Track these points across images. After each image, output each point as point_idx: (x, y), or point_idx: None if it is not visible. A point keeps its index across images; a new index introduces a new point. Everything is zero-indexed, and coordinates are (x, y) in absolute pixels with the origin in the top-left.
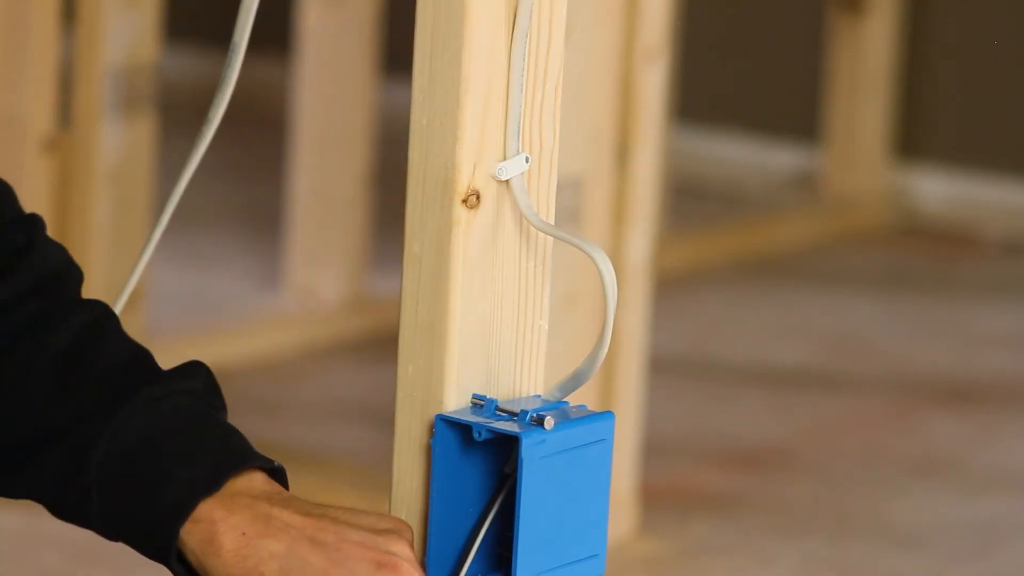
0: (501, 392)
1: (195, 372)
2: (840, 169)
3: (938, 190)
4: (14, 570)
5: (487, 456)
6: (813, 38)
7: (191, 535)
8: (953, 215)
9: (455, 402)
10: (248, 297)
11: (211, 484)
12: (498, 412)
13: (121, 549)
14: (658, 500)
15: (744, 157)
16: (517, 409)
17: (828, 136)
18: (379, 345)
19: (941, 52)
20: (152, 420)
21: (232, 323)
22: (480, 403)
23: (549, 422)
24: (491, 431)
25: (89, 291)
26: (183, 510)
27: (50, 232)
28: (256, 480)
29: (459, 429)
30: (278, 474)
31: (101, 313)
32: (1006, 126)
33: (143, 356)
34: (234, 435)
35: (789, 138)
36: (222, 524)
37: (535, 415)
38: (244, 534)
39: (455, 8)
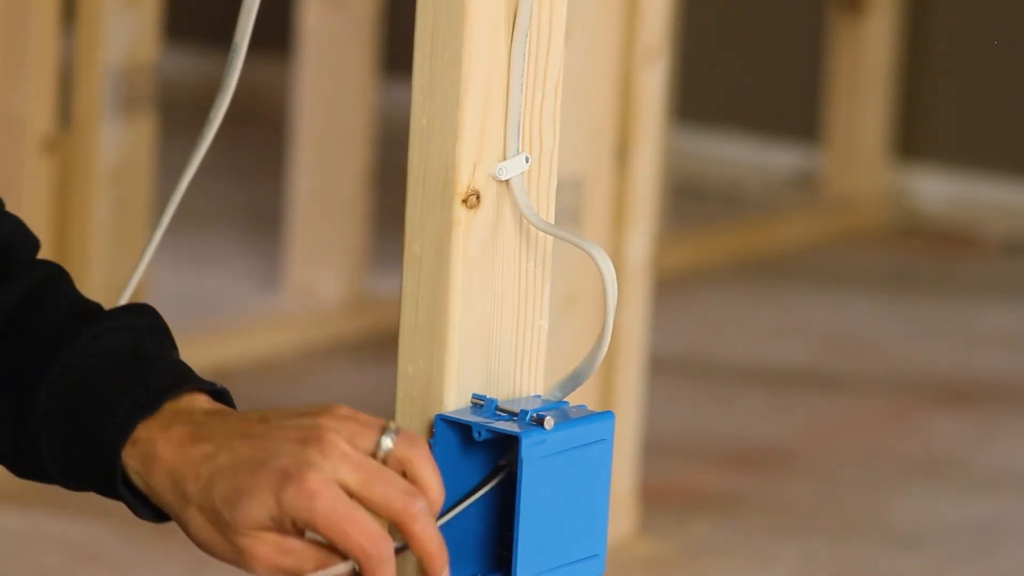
0: (501, 392)
1: (141, 312)
2: (840, 169)
3: (938, 190)
4: (14, 570)
5: (487, 456)
6: (813, 38)
7: (132, 456)
8: (953, 215)
9: (455, 402)
10: (248, 297)
11: (149, 406)
12: (498, 412)
13: (121, 549)
14: (658, 500)
15: (744, 157)
16: (517, 409)
17: (828, 136)
18: (379, 345)
19: (941, 52)
20: (94, 354)
21: (232, 323)
22: (480, 403)
23: (549, 422)
24: (491, 431)
25: (89, 291)
26: (123, 433)
27: (50, 232)
28: (198, 400)
29: (459, 429)
30: (223, 396)
31: (53, 271)
32: (1006, 126)
33: (93, 307)
34: (178, 364)
35: (789, 138)
36: (160, 440)
37: (535, 415)
38: (180, 444)
39: (455, 8)
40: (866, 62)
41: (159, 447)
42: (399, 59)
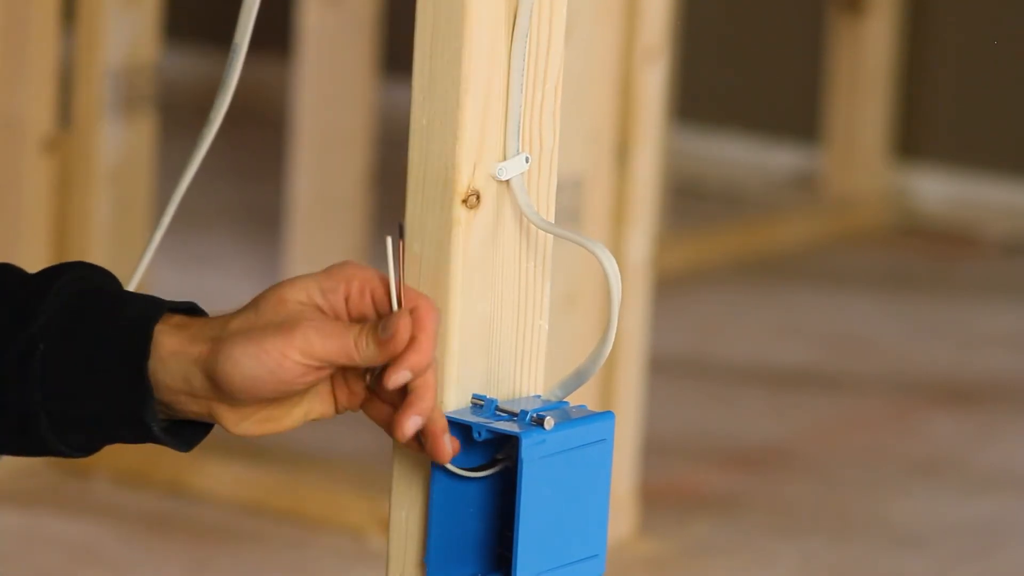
0: (501, 392)
1: (103, 269)
2: (840, 169)
3: (938, 190)
4: (14, 570)
5: (487, 456)
6: (813, 38)
7: (166, 321)
8: (953, 215)
9: (455, 402)
10: (248, 297)
11: (171, 301)
12: (498, 412)
13: (121, 549)
14: (658, 500)
15: (744, 157)
16: (517, 409)
17: (828, 136)
18: None
19: (941, 52)
20: (89, 278)
21: None
22: (480, 403)
23: (549, 422)
24: (491, 431)
25: None
26: (155, 314)
27: (50, 232)
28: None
29: (459, 429)
30: None
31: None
32: (1006, 126)
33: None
34: None
35: (789, 138)
36: (189, 319)
37: (535, 415)
38: (214, 316)
39: (455, 8)
40: (866, 62)
41: (191, 323)
42: (399, 59)
